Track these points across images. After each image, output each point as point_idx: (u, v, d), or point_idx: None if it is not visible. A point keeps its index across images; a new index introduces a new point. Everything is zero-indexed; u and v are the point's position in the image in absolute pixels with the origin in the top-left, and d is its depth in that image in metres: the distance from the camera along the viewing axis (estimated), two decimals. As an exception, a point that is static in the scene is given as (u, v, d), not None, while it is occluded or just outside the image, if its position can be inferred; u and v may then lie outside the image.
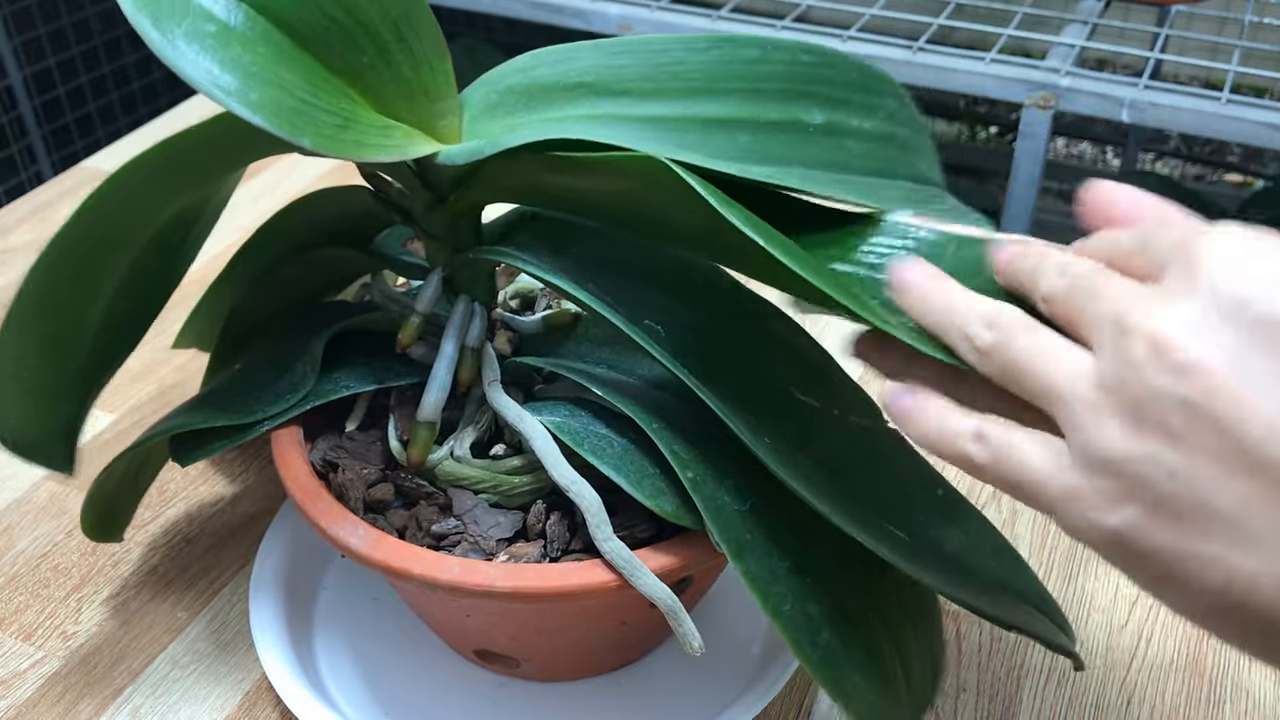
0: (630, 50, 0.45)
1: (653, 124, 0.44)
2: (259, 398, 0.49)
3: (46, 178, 1.66)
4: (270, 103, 0.39)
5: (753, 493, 0.42)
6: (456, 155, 0.43)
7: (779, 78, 0.45)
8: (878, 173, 0.46)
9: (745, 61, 0.45)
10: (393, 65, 0.43)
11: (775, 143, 0.44)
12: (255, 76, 0.39)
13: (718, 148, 0.43)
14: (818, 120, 0.45)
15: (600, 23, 1.29)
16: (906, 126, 0.48)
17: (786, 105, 0.45)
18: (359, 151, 0.40)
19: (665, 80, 0.44)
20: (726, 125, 0.44)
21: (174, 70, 0.38)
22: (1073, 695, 0.55)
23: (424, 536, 0.46)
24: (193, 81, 0.38)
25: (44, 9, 1.71)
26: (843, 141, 0.45)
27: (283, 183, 0.95)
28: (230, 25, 0.40)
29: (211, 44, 0.39)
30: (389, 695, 0.53)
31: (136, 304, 0.51)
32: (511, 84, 0.46)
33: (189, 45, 0.38)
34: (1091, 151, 2.27)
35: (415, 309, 0.49)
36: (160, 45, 0.38)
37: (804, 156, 0.44)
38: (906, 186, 0.46)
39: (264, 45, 0.40)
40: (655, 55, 0.45)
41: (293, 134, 0.38)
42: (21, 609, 0.59)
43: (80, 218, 0.44)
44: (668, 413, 0.45)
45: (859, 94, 0.47)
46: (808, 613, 0.41)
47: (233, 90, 0.38)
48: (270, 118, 0.38)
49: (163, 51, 0.38)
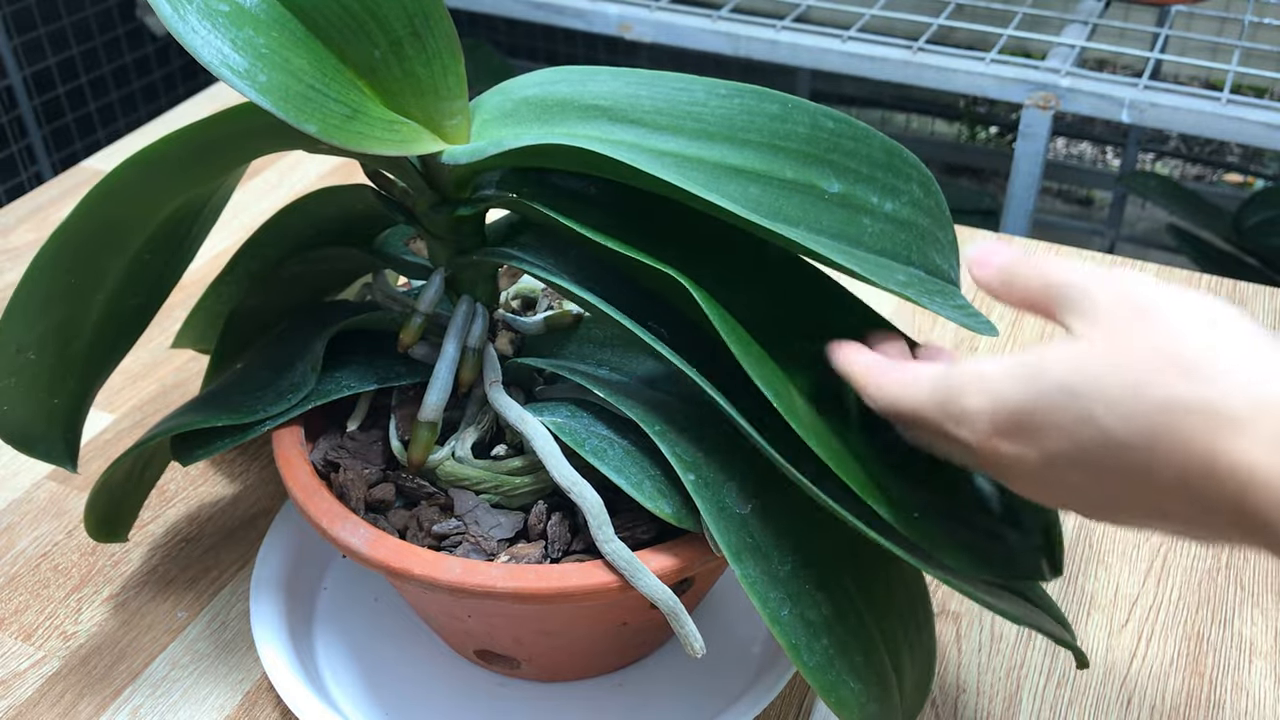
0: (651, 83, 0.45)
1: (662, 158, 0.44)
2: (260, 397, 0.49)
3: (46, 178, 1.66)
4: (278, 86, 0.39)
5: (754, 497, 0.43)
6: (460, 155, 0.43)
7: (798, 138, 0.45)
8: (890, 254, 0.45)
9: (767, 116, 0.45)
10: (405, 61, 0.43)
11: (787, 202, 0.44)
12: (265, 59, 0.39)
13: (726, 194, 0.43)
14: (834, 189, 0.45)
15: (600, 23, 1.28)
16: (928, 216, 0.47)
17: (803, 167, 0.44)
18: (363, 143, 0.40)
19: (682, 118, 0.44)
20: (739, 174, 0.44)
21: (183, 46, 0.38)
22: (1073, 695, 0.55)
23: (425, 537, 0.46)
24: (202, 59, 0.38)
25: (44, 9, 1.71)
26: (858, 216, 0.45)
27: (284, 182, 0.95)
28: (244, 6, 0.40)
29: (224, 23, 0.39)
30: (389, 695, 0.53)
31: (138, 299, 0.51)
32: (528, 96, 0.46)
33: (201, 22, 0.39)
34: (1091, 151, 2.27)
35: (417, 309, 0.49)
36: (172, 20, 0.38)
37: (815, 221, 0.44)
38: (916, 274, 0.45)
39: (277, 29, 0.40)
40: (676, 92, 0.45)
41: (298, 120, 0.38)
42: (21, 609, 0.59)
43: (83, 211, 0.44)
44: (670, 415, 0.45)
45: (882, 172, 0.46)
46: (806, 618, 0.41)
47: (242, 71, 0.38)
48: (277, 101, 0.38)
49: (174, 26, 0.38)
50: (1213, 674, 0.56)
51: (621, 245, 0.42)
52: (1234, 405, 0.31)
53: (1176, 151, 2.17)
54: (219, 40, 0.38)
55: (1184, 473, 0.32)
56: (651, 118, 0.44)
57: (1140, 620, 0.58)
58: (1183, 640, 0.57)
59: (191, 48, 0.38)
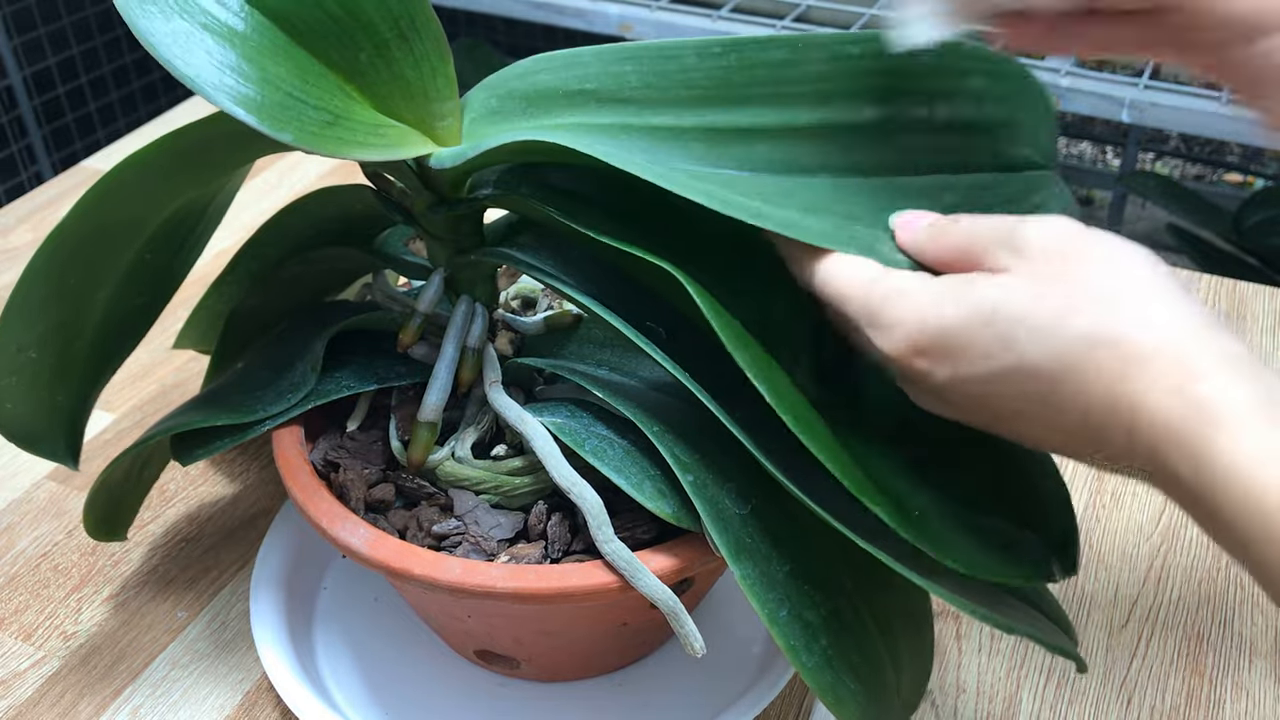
0: (635, 57, 0.43)
1: (654, 134, 0.42)
2: (260, 397, 0.49)
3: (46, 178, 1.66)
4: (253, 96, 0.38)
5: (753, 497, 0.42)
6: (445, 159, 0.43)
7: (811, 78, 0.42)
8: (944, 168, 0.43)
9: (770, 65, 0.42)
10: (393, 64, 0.43)
11: (802, 150, 0.42)
12: (240, 70, 0.39)
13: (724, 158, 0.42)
14: (867, 116, 0.42)
15: (600, 23, 1.29)
16: (999, 103, 0.43)
17: (821, 107, 0.42)
18: (341, 149, 0.40)
19: (673, 88, 0.42)
20: (743, 135, 0.42)
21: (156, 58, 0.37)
22: (1073, 695, 0.55)
23: (425, 537, 0.46)
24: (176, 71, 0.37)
25: (44, 9, 1.71)
26: (898, 138, 0.42)
27: (284, 182, 0.95)
28: (221, 18, 0.40)
29: (200, 34, 0.39)
30: (389, 695, 0.53)
31: (141, 298, 0.51)
32: (512, 89, 0.45)
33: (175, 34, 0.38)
34: (1091, 151, 2.27)
35: (416, 309, 0.49)
36: (146, 32, 0.37)
37: (838, 162, 0.42)
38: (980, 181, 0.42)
39: (256, 38, 0.40)
40: (663, 63, 0.43)
41: (274, 129, 0.38)
42: (21, 609, 0.59)
43: (79, 212, 0.44)
44: (669, 415, 0.45)
45: (930, 79, 0.42)
46: (804, 619, 0.40)
47: (215, 82, 0.38)
48: (252, 111, 0.38)
49: (148, 39, 0.37)
50: (1213, 674, 0.56)
51: (617, 240, 0.41)
52: (1141, 344, 0.33)
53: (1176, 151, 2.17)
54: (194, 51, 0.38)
55: (1089, 400, 0.34)
56: (641, 93, 0.43)
57: (1140, 620, 0.58)
58: (1183, 640, 0.57)
59: (165, 60, 0.37)
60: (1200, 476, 0.32)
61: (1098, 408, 0.34)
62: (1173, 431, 0.32)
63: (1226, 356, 0.33)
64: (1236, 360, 0.33)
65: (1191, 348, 0.33)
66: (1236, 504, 0.31)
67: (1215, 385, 0.32)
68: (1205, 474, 0.31)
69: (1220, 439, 0.31)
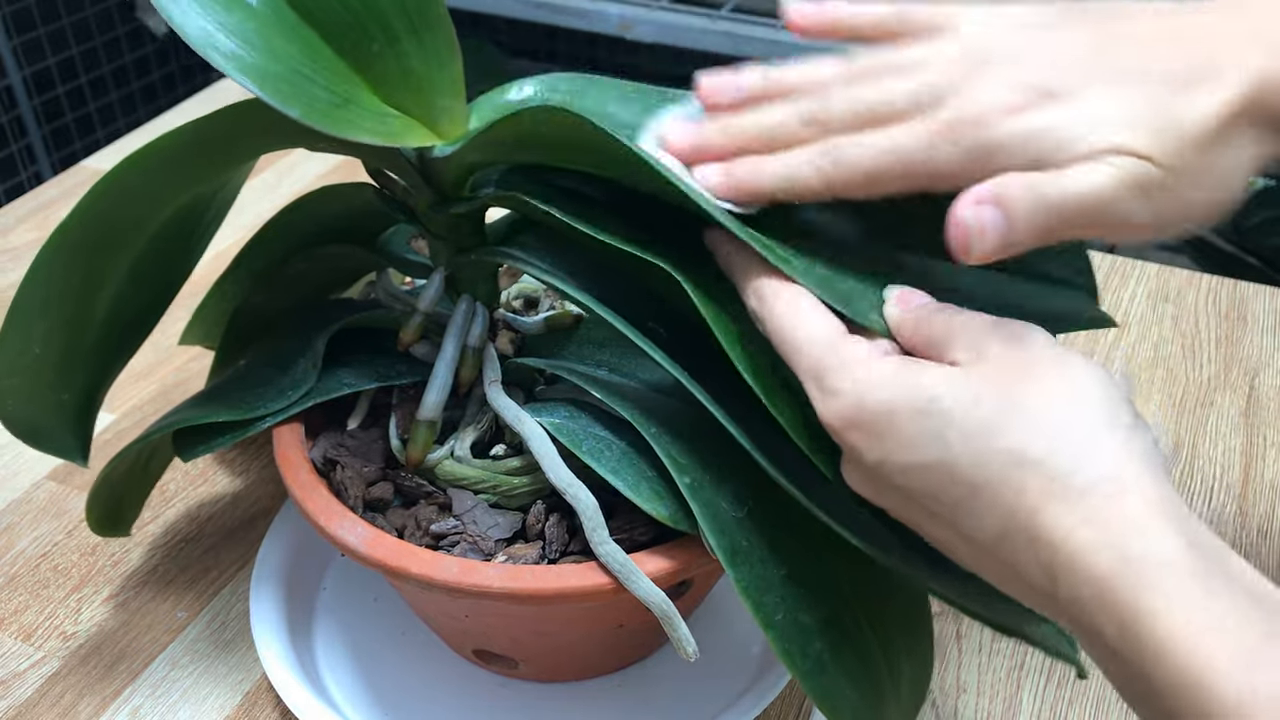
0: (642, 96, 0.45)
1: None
2: (261, 394, 0.49)
3: (46, 178, 1.66)
4: (264, 69, 0.39)
5: (750, 499, 0.42)
6: (448, 145, 0.43)
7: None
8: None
9: None
10: (402, 57, 0.43)
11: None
12: (253, 43, 0.39)
13: None
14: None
15: (601, 23, 1.29)
16: None
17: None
18: (350, 130, 0.40)
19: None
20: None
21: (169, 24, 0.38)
22: (1073, 695, 0.55)
23: (423, 536, 0.46)
24: (188, 38, 0.38)
25: (44, 9, 1.72)
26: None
27: (283, 182, 0.95)
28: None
29: (214, 5, 0.39)
30: (389, 695, 0.53)
31: (145, 295, 0.51)
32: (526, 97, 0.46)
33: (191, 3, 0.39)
34: (1092, 152, 2.26)
35: (417, 308, 0.49)
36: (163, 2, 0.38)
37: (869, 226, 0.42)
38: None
39: (270, 14, 0.41)
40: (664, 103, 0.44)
41: (282, 102, 0.38)
42: (21, 609, 0.59)
43: (82, 211, 0.44)
44: (667, 417, 0.45)
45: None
46: (800, 622, 0.40)
47: (228, 53, 0.38)
48: (261, 83, 0.38)
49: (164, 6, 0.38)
50: (1213, 674, 0.56)
51: (618, 241, 0.41)
52: (1071, 475, 0.32)
53: (1177, 152, 2.16)
54: (207, 21, 0.39)
55: (1005, 523, 0.33)
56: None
57: (1140, 620, 0.58)
58: (1183, 640, 0.57)
59: (179, 26, 0.38)
60: (1126, 638, 0.30)
61: (1015, 532, 0.32)
62: (1098, 583, 0.30)
63: (1165, 508, 0.31)
64: (1175, 514, 0.31)
65: (1130, 494, 0.31)
66: (1170, 676, 0.29)
67: (1150, 541, 0.30)
68: (1132, 637, 0.30)
69: (1155, 602, 0.29)
